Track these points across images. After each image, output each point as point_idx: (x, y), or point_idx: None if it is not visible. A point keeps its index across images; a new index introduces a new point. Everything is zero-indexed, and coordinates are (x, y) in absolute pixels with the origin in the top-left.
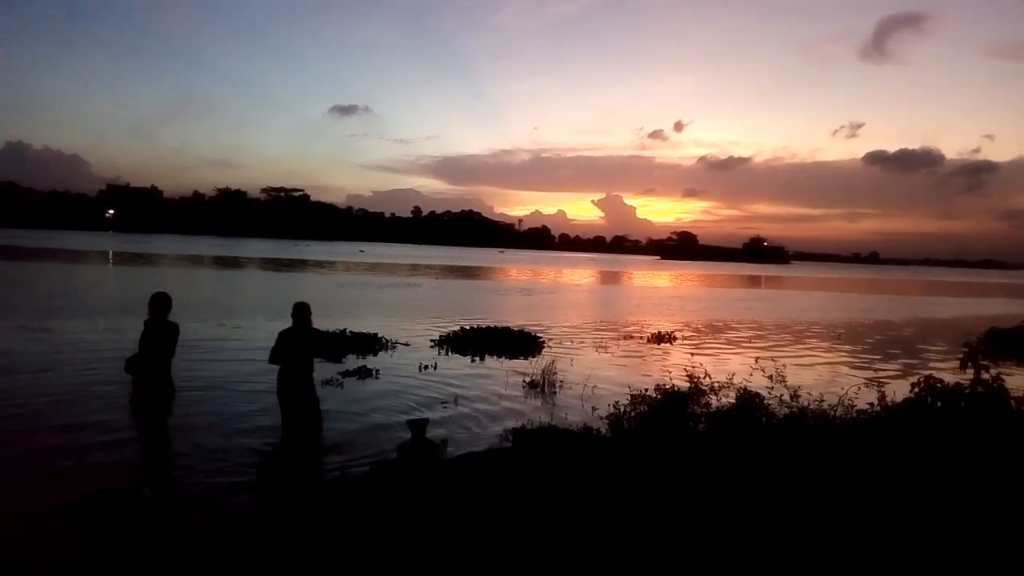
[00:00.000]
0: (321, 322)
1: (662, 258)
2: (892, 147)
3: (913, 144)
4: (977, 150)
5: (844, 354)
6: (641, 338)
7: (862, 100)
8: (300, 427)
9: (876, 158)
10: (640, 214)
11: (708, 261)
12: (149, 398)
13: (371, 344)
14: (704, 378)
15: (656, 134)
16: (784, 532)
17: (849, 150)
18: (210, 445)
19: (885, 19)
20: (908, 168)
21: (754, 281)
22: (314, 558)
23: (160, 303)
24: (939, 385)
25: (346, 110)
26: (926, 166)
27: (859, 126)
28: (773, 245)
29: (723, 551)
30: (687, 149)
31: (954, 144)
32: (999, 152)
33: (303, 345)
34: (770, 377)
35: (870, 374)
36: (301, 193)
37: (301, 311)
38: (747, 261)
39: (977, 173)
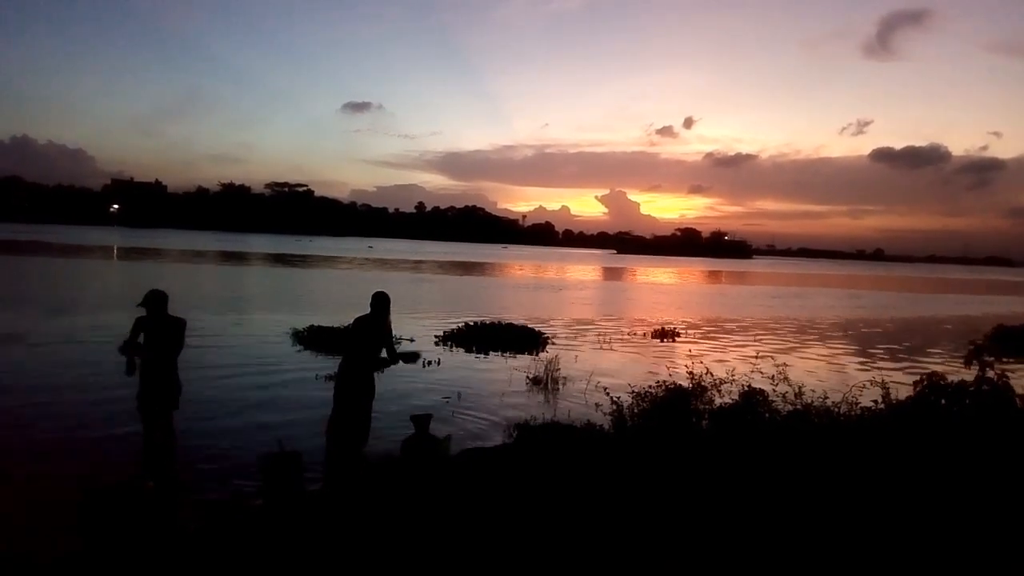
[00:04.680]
0: (328, 318)
1: (618, 252)
2: (899, 144)
3: (920, 141)
4: (984, 147)
5: (848, 351)
6: (644, 334)
7: (868, 97)
8: (365, 420)
9: (883, 155)
10: (644, 210)
11: (669, 256)
12: (155, 394)
13: None
14: (707, 375)
15: (664, 131)
16: (786, 528)
17: (855, 147)
18: (216, 438)
19: (887, 16)
20: (915, 165)
21: (714, 277)
22: (316, 551)
23: (155, 300)
24: (943, 383)
25: (359, 107)
26: (933, 163)
27: (867, 123)
28: (736, 240)
29: (725, 546)
30: (692, 145)
31: (961, 141)
32: (1006, 149)
33: (379, 335)
34: (772, 376)
35: (875, 371)
36: (305, 188)
37: (381, 300)
38: (709, 256)
39: (984, 170)
